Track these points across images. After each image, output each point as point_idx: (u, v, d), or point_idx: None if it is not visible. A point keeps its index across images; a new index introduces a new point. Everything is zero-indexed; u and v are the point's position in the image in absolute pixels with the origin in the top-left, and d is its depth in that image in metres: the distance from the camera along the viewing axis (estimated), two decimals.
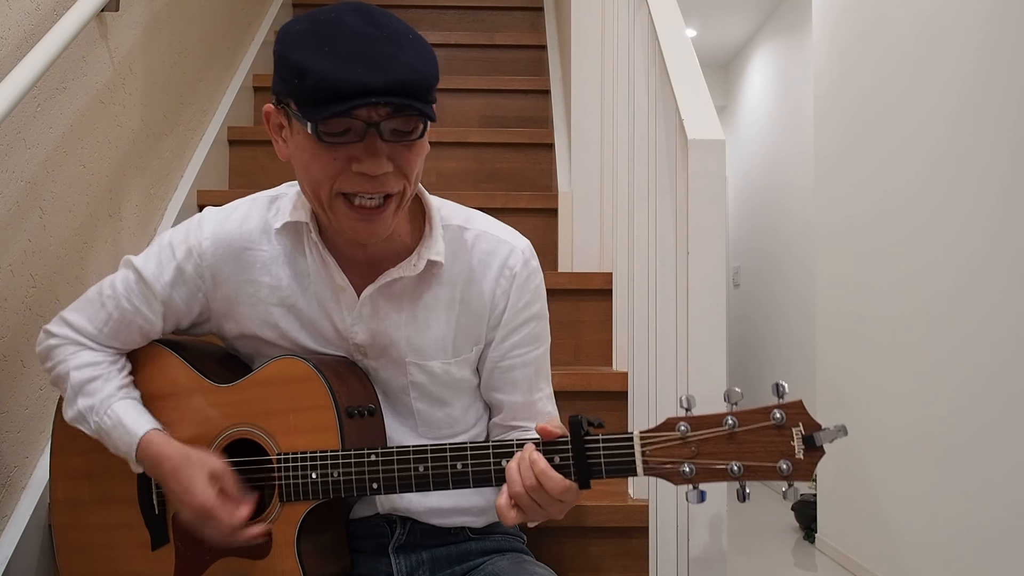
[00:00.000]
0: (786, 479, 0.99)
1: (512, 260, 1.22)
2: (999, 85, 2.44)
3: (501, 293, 1.21)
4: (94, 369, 1.21)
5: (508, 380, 1.25)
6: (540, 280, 1.26)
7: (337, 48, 0.99)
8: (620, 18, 1.97)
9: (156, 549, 1.22)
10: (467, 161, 2.77)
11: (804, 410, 1.00)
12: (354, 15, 1.02)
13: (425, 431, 1.24)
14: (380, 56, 0.99)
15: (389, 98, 0.99)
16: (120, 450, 1.19)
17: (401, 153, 1.06)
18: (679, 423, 1.02)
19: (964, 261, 2.60)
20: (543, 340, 1.27)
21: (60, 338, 1.24)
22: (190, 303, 1.22)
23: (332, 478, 1.12)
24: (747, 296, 5.79)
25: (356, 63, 0.98)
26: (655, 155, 1.52)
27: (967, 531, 2.56)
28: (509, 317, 1.22)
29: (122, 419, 1.18)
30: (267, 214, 1.21)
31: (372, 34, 1.00)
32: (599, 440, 1.04)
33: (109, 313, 1.22)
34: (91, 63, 1.81)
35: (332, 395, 1.13)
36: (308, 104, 1.00)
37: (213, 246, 1.20)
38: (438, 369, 1.21)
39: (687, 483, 1.02)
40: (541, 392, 1.28)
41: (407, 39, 1.03)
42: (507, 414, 1.27)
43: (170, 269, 1.21)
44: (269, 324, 1.21)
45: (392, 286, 1.19)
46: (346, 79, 0.97)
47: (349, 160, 1.04)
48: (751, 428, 1.00)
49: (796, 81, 4.86)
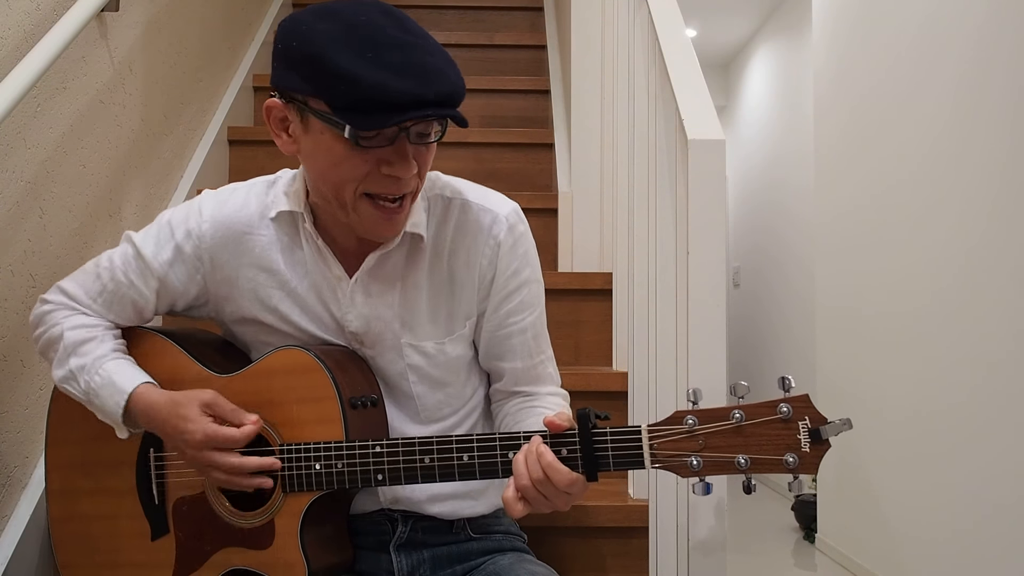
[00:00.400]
0: (792, 472, 1.00)
1: (496, 228, 1.21)
2: (997, 84, 2.44)
3: (488, 263, 1.21)
4: (89, 331, 1.21)
5: (507, 348, 1.25)
6: (528, 245, 1.25)
7: (381, 55, 1.00)
8: (620, 18, 1.97)
9: (156, 539, 1.22)
10: (467, 161, 2.77)
11: (811, 404, 1.01)
12: (382, 17, 1.03)
13: (426, 415, 1.24)
14: (424, 66, 1.02)
15: (440, 110, 1.02)
16: (107, 409, 1.17)
17: (421, 154, 1.09)
18: (687, 416, 1.03)
19: (963, 258, 2.60)
20: (537, 304, 1.27)
21: (54, 303, 1.24)
22: (187, 284, 1.23)
23: (336, 469, 1.12)
24: (747, 296, 5.79)
25: (405, 73, 1.00)
26: (655, 155, 1.52)
27: (967, 530, 2.56)
28: (499, 286, 1.22)
29: (112, 376, 1.17)
30: (265, 199, 1.22)
31: (410, 41, 1.02)
32: (607, 433, 1.04)
33: (104, 284, 1.23)
34: (91, 63, 1.81)
35: (336, 386, 1.13)
36: (353, 110, 1.01)
37: (212, 229, 1.20)
38: (432, 349, 1.21)
39: (694, 476, 1.03)
40: (542, 355, 1.29)
41: (433, 45, 1.06)
42: (509, 380, 1.27)
43: (168, 249, 1.21)
44: (269, 307, 1.21)
45: (381, 267, 1.19)
46: (401, 90, 0.99)
47: (378, 163, 1.06)
48: (758, 422, 1.01)
49: (796, 81, 4.86)
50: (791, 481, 1.02)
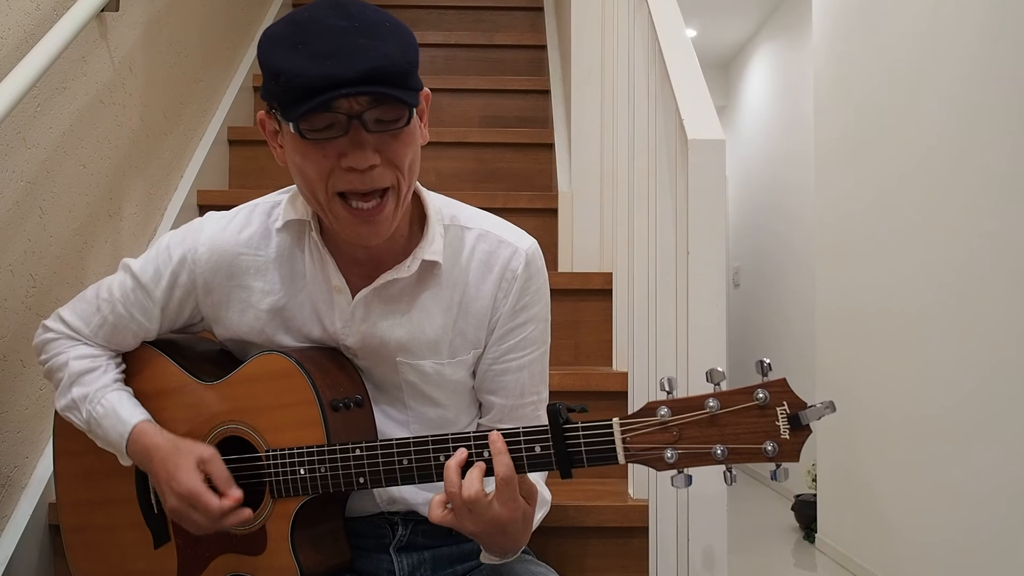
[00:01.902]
0: (772, 460, 0.96)
1: (514, 263, 1.19)
2: (997, 84, 2.44)
3: (502, 296, 1.19)
4: (92, 361, 1.22)
5: (500, 384, 1.23)
6: (543, 281, 1.23)
7: (310, 45, 0.99)
8: (620, 18, 1.97)
9: (158, 547, 1.23)
10: (467, 161, 2.77)
11: (788, 388, 0.97)
12: (328, 11, 1.02)
13: (418, 428, 1.23)
14: (352, 48, 0.99)
15: (363, 87, 0.98)
16: (110, 439, 1.18)
17: (388, 144, 1.05)
18: (659, 407, 0.99)
19: (963, 259, 2.60)
20: (540, 343, 1.24)
21: (56, 333, 1.25)
22: (182, 307, 1.23)
23: (319, 473, 1.11)
24: (747, 296, 5.79)
25: (326, 57, 0.98)
26: (655, 155, 1.52)
27: (967, 530, 2.56)
28: (506, 319, 1.20)
29: (116, 408, 1.18)
30: (267, 220, 1.21)
31: (345, 27, 1.00)
32: (578, 428, 1.02)
33: (104, 317, 1.23)
34: (91, 63, 1.81)
35: (315, 390, 1.13)
36: (287, 104, 1.01)
37: (208, 252, 1.20)
38: (429, 369, 1.20)
39: (671, 468, 0.99)
40: (535, 396, 1.25)
41: (383, 28, 1.02)
42: (494, 416, 1.25)
43: (166, 274, 1.21)
44: (255, 330, 1.21)
45: (389, 288, 1.18)
46: (315, 74, 0.97)
47: (338, 156, 1.03)
48: (734, 409, 0.97)
49: (796, 81, 4.86)
50: (773, 470, 0.98)
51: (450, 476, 1.02)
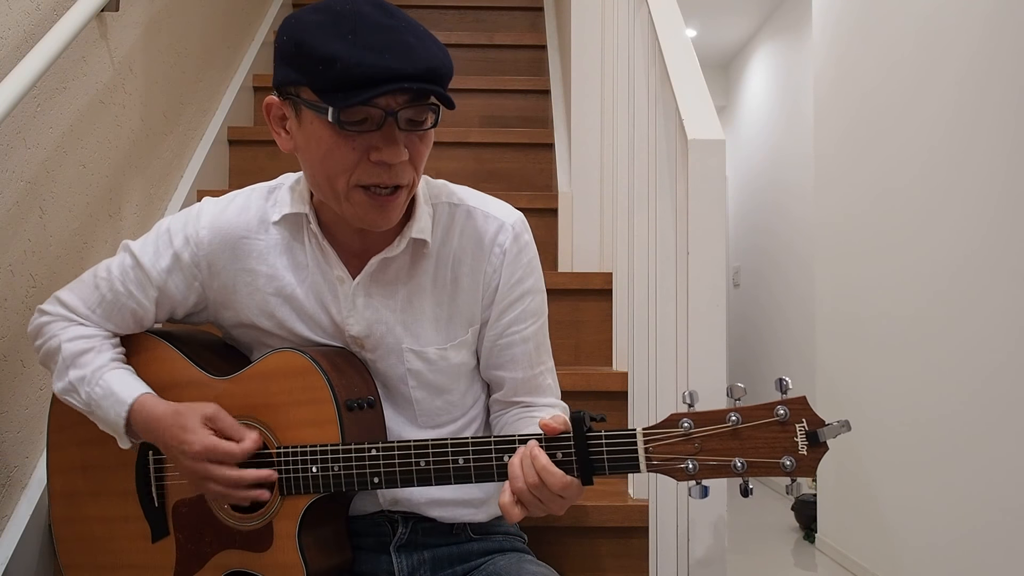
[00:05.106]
0: (789, 475, 0.99)
1: (502, 236, 1.22)
2: (998, 84, 2.44)
3: (492, 271, 1.22)
4: (87, 342, 1.21)
5: (508, 357, 1.25)
6: (532, 254, 1.26)
7: (362, 37, 1.01)
8: (620, 18, 1.97)
9: (156, 541, 1.22)
10: (467, 161, 2.77)
11: (808, 406, 1.00)
12: (368, 6, 1.04)
13: (424, 420, 1.24)
14: (405, 45, 1.02)
15: (418, 84, 1.01)
16: (109, 420, 1.18)
17: (414, 144, 1.08)
18: (682, 419, 1.02)
19: (963, 260, 2.60)
20: (540, 314, 1.27)
21: (52, 315, 1.25)
22: (186, 292, 1.23)
23: (332, 472, 1.12)
24: (747, 296, 5.79)
25: (382, 50, 1.00)
26: (655, 155, 1.52)
27: (966, 531, 2.56)
28: (503, 294, 1.22)
29: (113, 387, 1.17)
30: (265, 205, 1.22)
31: (392, 24, 1.03)
32: (602, 436, 1.04)
33: (102, 295, 1.23)
34: (91, 63, 1.81)
35: (331, 388, 1.13)
36: (334, 91, 1.02)
37: (210, 235, 1.20)
38: (434, 355, 1.21)
39: (690, 479, 1.02)
40: (542, 366, 1.28)
41: (422, 31, 1.06)
42: (508, 390, 1.27)
43: (167, 256, 1.21)
44: (266, 313, 1.21)
45: (384, 271, 1.19)
46: (378, 65, 1.00)
47: (367, 150, 1.06)
48: (754, 424, 1.00)
49: (796, 81, 4.86)
50: (788, 484, 1.01)
51: (514, 472, 1.04)
